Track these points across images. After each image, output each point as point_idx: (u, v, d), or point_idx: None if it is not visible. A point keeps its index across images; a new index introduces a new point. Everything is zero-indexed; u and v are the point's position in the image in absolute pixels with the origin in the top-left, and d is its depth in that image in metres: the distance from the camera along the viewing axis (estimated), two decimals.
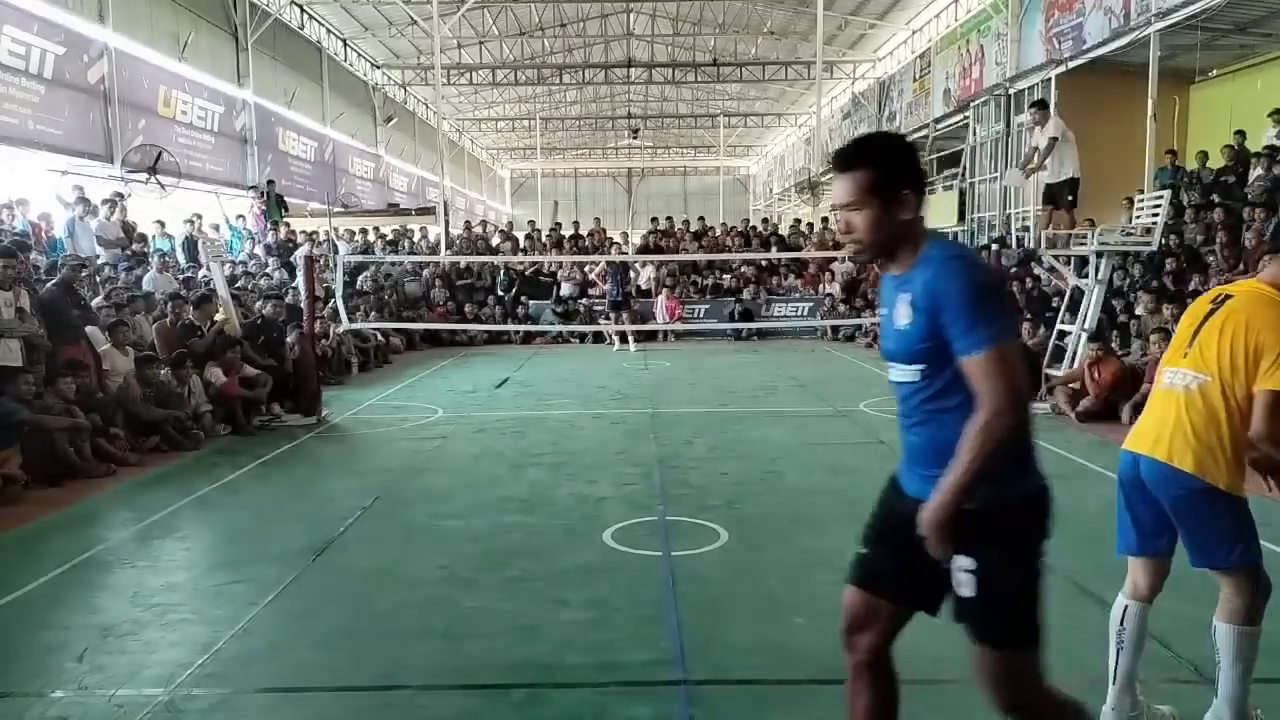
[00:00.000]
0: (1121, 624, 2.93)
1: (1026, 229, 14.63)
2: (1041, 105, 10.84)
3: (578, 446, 7.94)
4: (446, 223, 21.65)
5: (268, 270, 15.25)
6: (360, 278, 16.84)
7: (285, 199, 19.30)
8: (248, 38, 21.07)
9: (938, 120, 21.76)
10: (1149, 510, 2.85)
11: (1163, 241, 9.13)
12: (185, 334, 9.09)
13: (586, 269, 17.80)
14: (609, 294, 15.98)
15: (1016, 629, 2.20)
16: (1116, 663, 2.95)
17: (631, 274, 17.38)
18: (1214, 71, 14.67)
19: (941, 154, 22.19)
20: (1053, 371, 9.33)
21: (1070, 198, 10.10)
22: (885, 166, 2.17)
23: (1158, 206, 9.05)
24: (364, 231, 19.86)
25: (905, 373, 2.22)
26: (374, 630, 4.04)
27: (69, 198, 12.79)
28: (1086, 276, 9.37)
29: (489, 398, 10.86)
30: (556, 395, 10.98)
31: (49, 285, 8.44)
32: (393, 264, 18.04)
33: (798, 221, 23.03)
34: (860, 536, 2.42)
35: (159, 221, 14.74)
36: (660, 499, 6.15)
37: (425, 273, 18.38)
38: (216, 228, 16.55)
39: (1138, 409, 5.12)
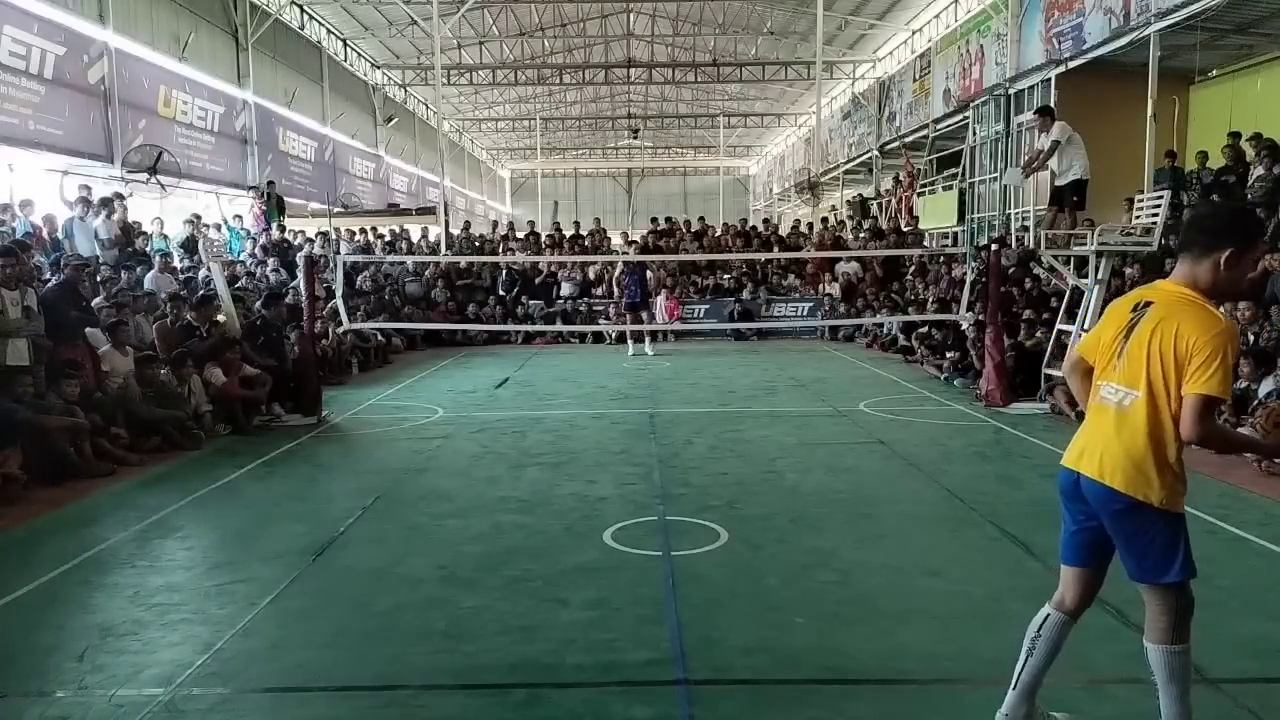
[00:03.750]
0: (1038, 632, 2.92)
1: (1026, 229, 14.63)
2: (1046, 110, 10.85)
3: (578, 446, 7.94)
4: (447, 222, 21.70)
5: (269, 270, 15.23)
6: (360, 278, 16.85)
7: (285, 200, 19.29)
8: (248, 38, 21.08)
9: (938, 120, 21.75)
10: (1088, 524, 2.84)
11: (1162, 241, 9.12)
12: (185, 335, 9.08)
13: (610, 270, 17.53)
14: (628, 295, 15.34)
15: None
16: (1022, 668, 2.93)
17: (649, 275, 16.73)
18: (1214, 71, 14.65)
19: (941, 154, 22.18)
20: (1052, 371, 9.33)
21: (1075, 199, 10.10)
22: None
23: (1157, 206, 9.04)
24: (364, 231, 19.88)
25: None
26: (374, 630, 4.04)
27: (73, 198, 12.78)
28: (1086, 276, 9.36)
29: (489, 398, 10.86)
30: (556, 395, 10.97)
31: (50, 285, 8.44)
32: (392, 264, 18.04)
33: (798, 222, 23.05)
34: None
35: (159, 219, 14.74)
36: (660, 499, 6.15)
37: (426, 273, 18.38)
38: (218, 228, 16.55)
39: None
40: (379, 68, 31.98)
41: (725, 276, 18.89)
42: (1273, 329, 8.15)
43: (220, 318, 9.43)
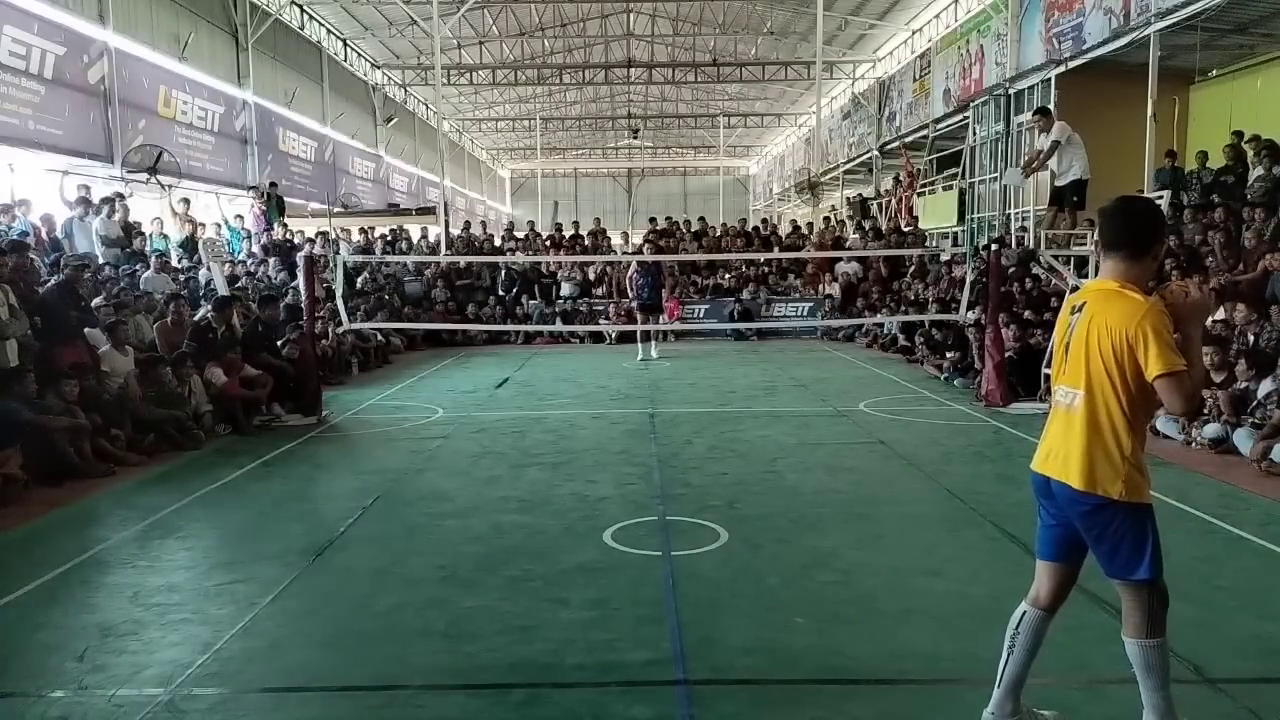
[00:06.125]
0: (1016, 629, 2.96)
1: (1026, 229, 14.61)
2: (1044, 111, 10.86)
3: (578, 446, 7.94)
4: (446, 223, 21.70)
5: (271, 270, 15.23)
6: (360, 278, 16.84)
7: (285, 200, 19.29)
8: (248, 38, 21.07)
9: (938, 120, 21.73)
10: (1059, 522, 2.91)
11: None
12: (197, 335, 9.06)
13: (611, 270, 17.31)
14: (640, 296, 14.48)
15: None
16: (1005, 666, 2.96)
17: (664, 275, 15.73)
18: (1214, 71, 14.64)
19: (941, 154, 22.18)
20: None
21: (1075, 199, 10.11)
22: None
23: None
24: (364, 231, 19.87)
25: None
26: (374, 630, 4.04)
27: (73, 198, 12.77)
28: (1086, 276, 9.37)
29: (489, 398, 10.86)
30: (556, 395, 10.97)
31: (49, 284, 8.43)
32: (392, 264, 18.04)
33: (795, 222, 23.06)
34: None
35: (158, 219, 14.74)
36: (660, 499, 6.15)
37: (426, 273, 18.38)
38: (219, 227, 16.55)
39: None
40: (379, 68, 31.98)
41: (726, 276, 18.88)
42: (1273, 329, 8.15)
43: (235, 320, 9.44)
